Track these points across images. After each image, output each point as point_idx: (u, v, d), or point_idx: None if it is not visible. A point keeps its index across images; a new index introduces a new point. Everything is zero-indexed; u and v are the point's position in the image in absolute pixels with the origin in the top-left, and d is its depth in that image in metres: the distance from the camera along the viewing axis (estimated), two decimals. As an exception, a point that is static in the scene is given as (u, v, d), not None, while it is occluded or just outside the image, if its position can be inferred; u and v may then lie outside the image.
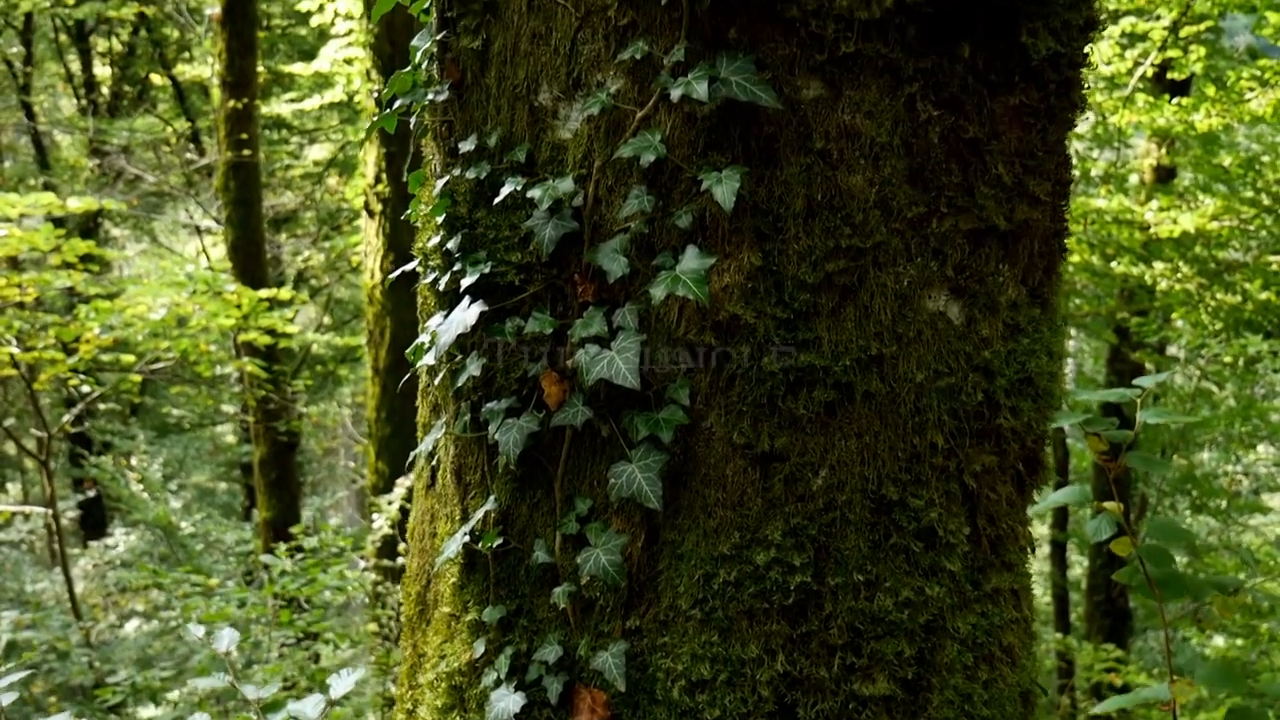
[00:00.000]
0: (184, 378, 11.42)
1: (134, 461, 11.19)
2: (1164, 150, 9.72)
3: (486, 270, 1.66)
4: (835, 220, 1.57)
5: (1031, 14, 1.59)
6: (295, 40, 12.76)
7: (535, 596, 1.74)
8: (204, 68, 12.34)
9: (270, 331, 9.01)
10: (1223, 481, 11.44)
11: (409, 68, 1.82)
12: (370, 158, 8.12)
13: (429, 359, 1.76)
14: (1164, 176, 10.03)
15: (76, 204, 8.22)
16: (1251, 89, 7.95)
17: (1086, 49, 1.71)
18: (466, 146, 1.69)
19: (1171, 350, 12.05)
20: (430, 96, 1.72)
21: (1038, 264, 1.74)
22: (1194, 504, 10.78)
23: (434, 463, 1.94)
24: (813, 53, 1.53)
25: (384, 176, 8.08)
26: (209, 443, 13.89)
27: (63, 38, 13.45)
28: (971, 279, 1.65)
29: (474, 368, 1.70)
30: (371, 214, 8.23)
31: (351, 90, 9.11)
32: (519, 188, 1.62)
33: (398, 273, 1.92)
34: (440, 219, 1.74)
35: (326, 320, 13.97)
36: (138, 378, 9.55)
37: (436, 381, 1.82)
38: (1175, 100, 8.23)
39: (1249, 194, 9.23)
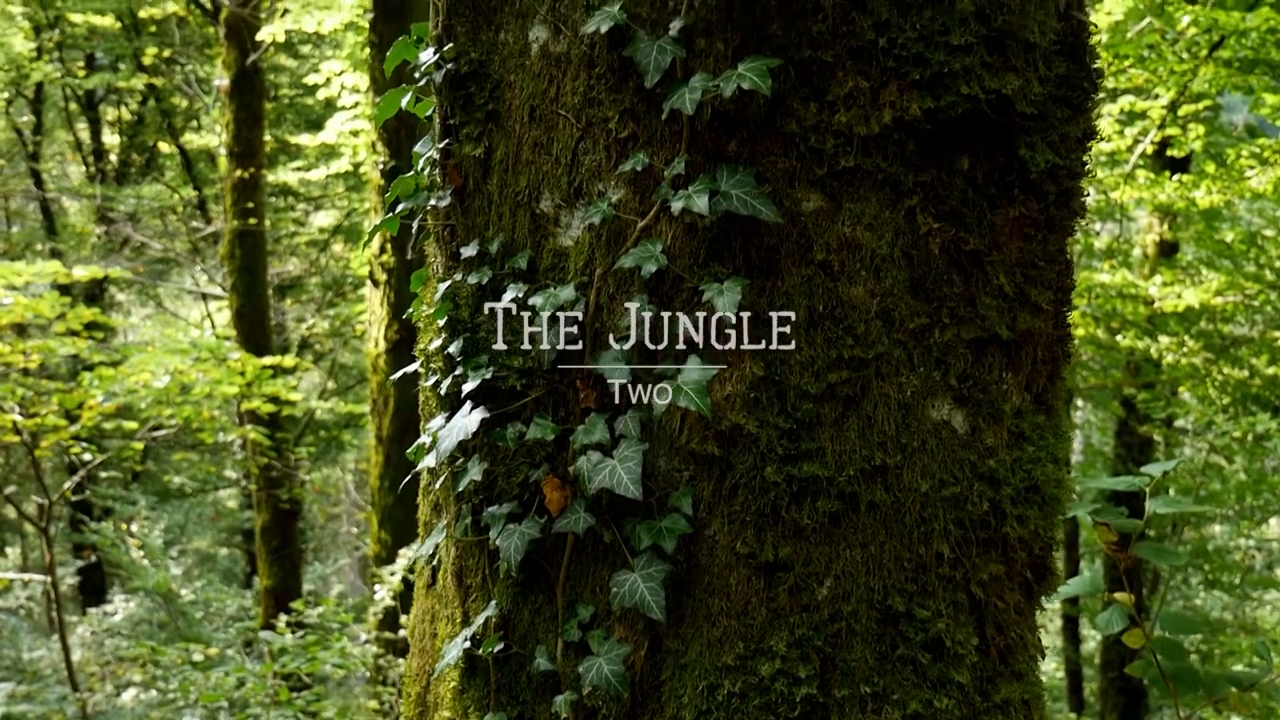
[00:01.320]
0: (186, 444, 11.39)
1: (135, 527, 11.13)
2: (1166, 225, 9.78)
3: (488, 375, 1.65)
4: (837, 331, 1.56)
5: (1029, 128, 1.60)
6: (303, 110, 12.93)
7: (537, 704, 1.71)
8: (212, 136, 12.49)
9: (274, 399, 9.02)
10: (1235, 556, 11.33)
11: (411, 172, 1.83)
12: (376, 227, 8.17)
13: (430, 461, 1.75)
14: (1167, 251, 10.08)
15: (82, 272, 8.28)
16: (1251, 167, 8.01)
17: (1085, 159, 1.72)
18: (468, 251, 1.70)
19: (1179, 422, 12.02)
20: (433, 202, 1.73)
21: (1041, 370, 1.73)
22: (1207, 579, 10.67)
23: (435, 563, 1.93)
24: (813, 166, 1.54)
25: (388, 247, 8.13)
26: (211, 508, 13.84)
27: (73, 106, 13.63)
28: (975, 388, 1.64)
29: (475, 472, 1.69)
30: (376, 283, 8.27)
31: (357, 161, 9.21)
32: (521, 294, 1.63)
33: (399, 374, 1.91)
34: (442, 322, 1.74)
35: (330, 385, 13.98)
36: (140, 445, 9.53)
37: (438, 484, 1.81)
38: (1176, 177, 8.30)
39: (1252, 269, 9.27)
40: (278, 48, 9.67)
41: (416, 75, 1.77)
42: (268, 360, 8.92)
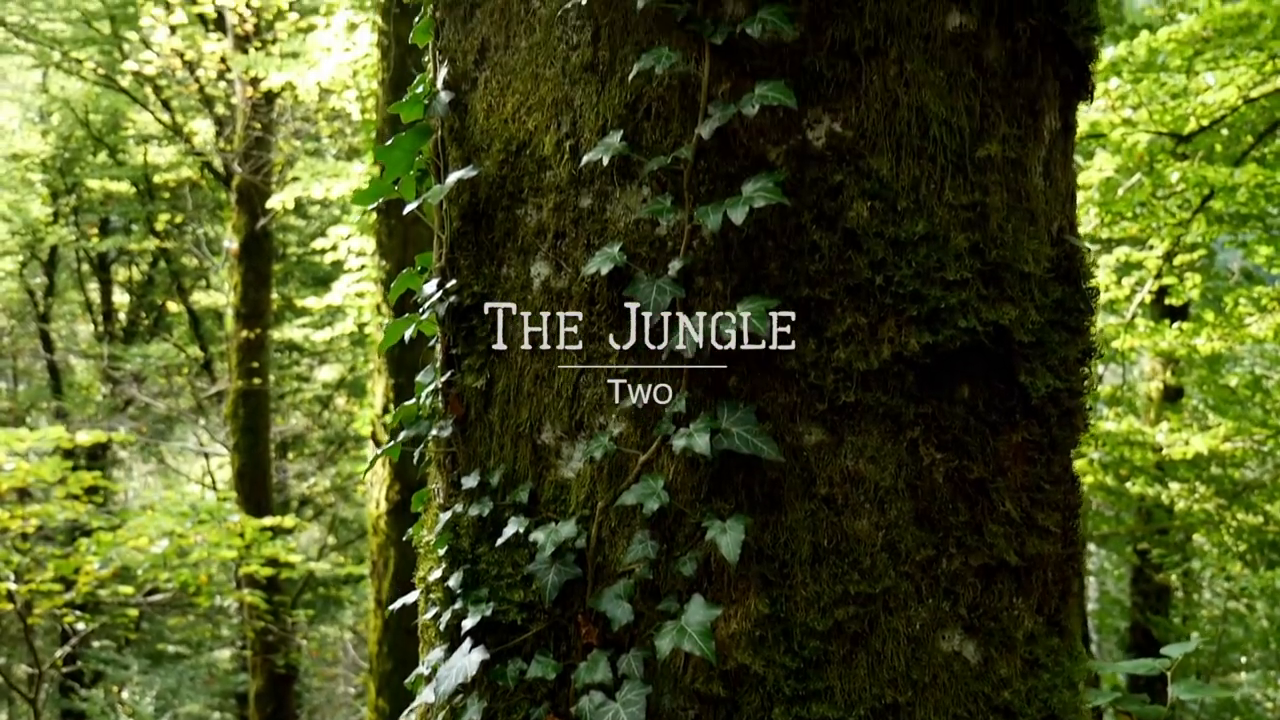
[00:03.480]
0: (183, 605, 11.20)
1: (126, 694, 10.85)
2: (1169, 372, 9.82)
3: (488, 612, 1.62)
4: (843, 566, 1.54)
5: (1029, 355, 1.60)
6: (310, 267, 13.15)
7: None
8: (220, 295, 12.68)
9: (272, 562, 8.90)
10: (1266, 707, 10.99)
11: (413, 400, 1.84)
12: (379, 389, 8.21)
13: (429, 696, 1.70)
14: (1171, 396, 10.09)
15: (85, 437, 8.30)
16: (1250, 314, 8.08)
17: (1086, 375, 1.72)
18: (469, 482, 1.69)
19: (1196, 564, 11.82)
20: (435, 431, 1.73)
21: (1053, 591, 1.70)
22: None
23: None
24: (813, 401, 1.54)
25: (392, 408, 8.15)
26: (204, 670, 13.51)
27: (85, 267, 13.89)
28: (985, 616, 1.60)
29: (474, 711, 1.64)
30: (378, 444, 8.25)
31: (362, 322, 9.32)
32: (522, 529, 1.61)
33: (399, 604, 1.87)
34: (442, 552, 1.71)
35: (331, 540, 13.83)
36: (134, 611, 9.37)
37: (439, 719, 1.75)
38: (1176, 325, 8.36)
39: (1259, 414, 9.26)
40: (287, 210, 9.90)
41: (417, 300, 1.79)
42: (267, 521, 8.85)
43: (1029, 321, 1.60)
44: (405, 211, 1.75)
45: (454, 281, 1.71)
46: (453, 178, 1.70)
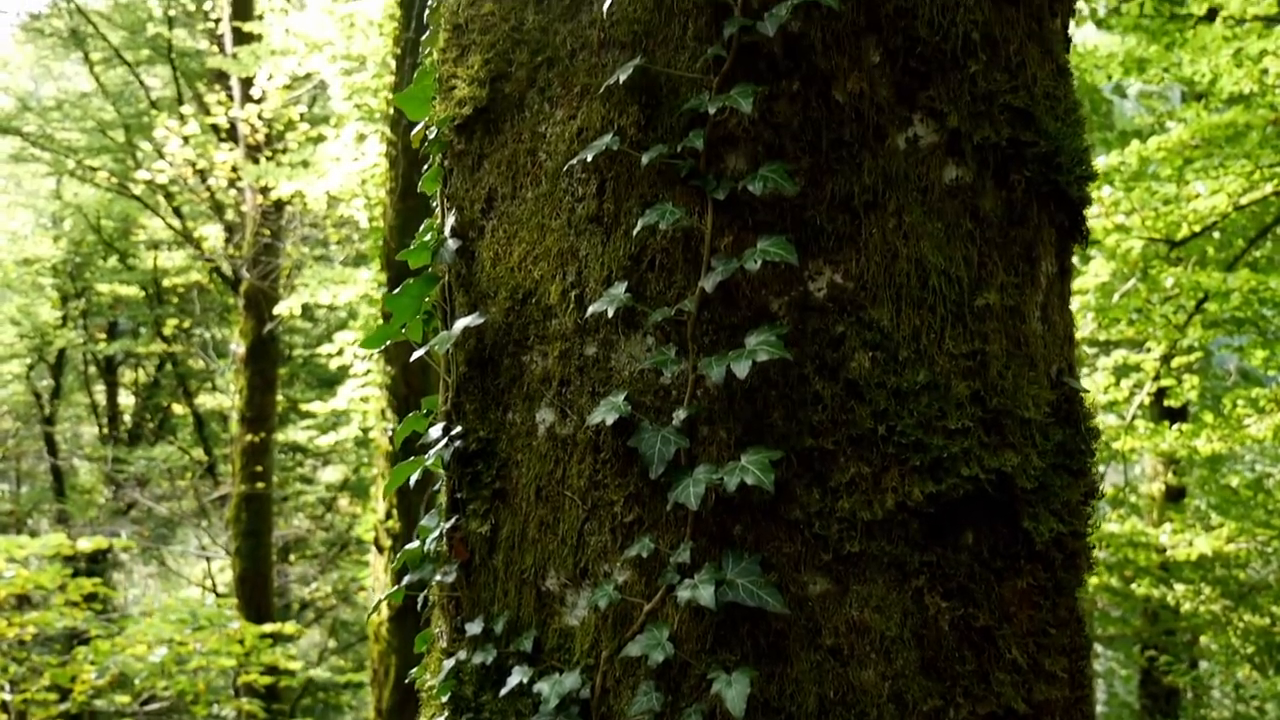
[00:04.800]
0: (180, 712, 11.00)
1: (120, 806, 10.59)
2: (1170, 472, 9.79)
3: (492, 762, 1.60)
4: (849, 718, 1.52)
5: (1032, 500, 1.61)
6: (315, 369, 13.22)
7: None
8: (225, 398, 12.73)
9: (272, 669, 8.78)
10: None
11: (416, 543, 1.84)
12: (382, 494, 8.19)
13: None
14: (1174, 495, 10.05)
15: (86, 544, 8.26)
16: (1249, 416, 8.10)
17: (1089, 516, 1.73)
18: (474, 629, 1.68)
19: (1205, 665, 11.62)
20: (439, 576, 1.73)
21: (1062, 737, 1.68)
22: None
23: None
24: (818, 551, 1.54)
25: (394, 512, 8.12)
26: (200, 780, 13.19)
27: (92, 370, 13.96)
28: (995, 767, 1.58)
29: None
30: (381, 549, 8.21)
31: (367, 426, 9.34)
32: (525, 679, 1.60)
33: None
34: (445, 699, 1.70)
35: (331, 644, 13.64)
36: (130, 722, 9.21)
37: None
38: (1176, 426, 8.37)
39: (1261, 514, 9.21)
40: (294, 315, 9.99)
41: (421, 445, 1.81)
42: (268, 628, 8.75)
43: (1031, 467, 1.61)
44: (412, 359, 1.78)
45: (459, 427, 1.73)
46: (459, 324, 1.73)
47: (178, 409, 13.88)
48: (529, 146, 1.76)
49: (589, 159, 1.65)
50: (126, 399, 14.49)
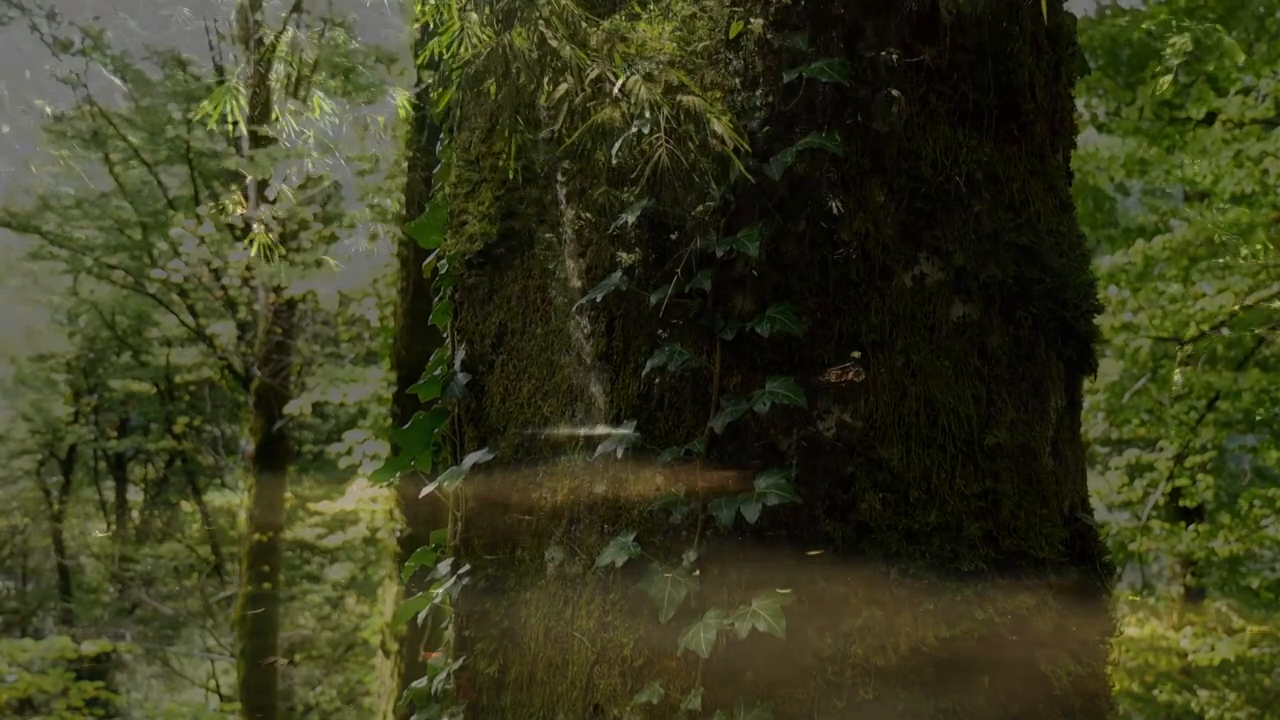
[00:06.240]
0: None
1: None
2: (1189, 574, 9.65)
3: None
4: None
5: (1048, 643, 1.58)
6: (325, 466, 13.18)
7: None
8: (234, 495, 12.69)
9: (274, 777, 8.58)
10: None
11: (424, 679, 1.81)
12: (389, 596, 8.10)
13: None
14: (1194, 596, 9.87)
15: (90, 648, 8.16)
16: (1266, 515, 8.00)
17: (1106, 654, 1.70)
18: (480, 774, 1.65)
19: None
20: (446, 717, 1.70)
21: None
22: None
23: None
24: (831, 698, 1.51)
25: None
26: None
27: (101, 465, 13.96)
28: None
29: None
30: (387, 653, 8.07)
31: (375, 527, 9.28)
32: (533, 829, 1.56)
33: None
34: (451, 846, 1.66)
35: (336, 747, 13.34)
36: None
37: None
38: (1192, 527, 8.27)
39: (1285, 617, 9.02)
40: (304, 413, 10.00)
41: (429, 580, 1.79)
42: (271, 734, 8.57)
43: (1047, 609, 1.59)
44: (421, 494, 1.77)
45: (468, 564, 1.71)
46: (469, 460, 1.73)
47: (186, 506, 13.84)
48: (539, 283, 1.77)
49: (598, 299, 1.67)
50: (135, 495, 14.47)
